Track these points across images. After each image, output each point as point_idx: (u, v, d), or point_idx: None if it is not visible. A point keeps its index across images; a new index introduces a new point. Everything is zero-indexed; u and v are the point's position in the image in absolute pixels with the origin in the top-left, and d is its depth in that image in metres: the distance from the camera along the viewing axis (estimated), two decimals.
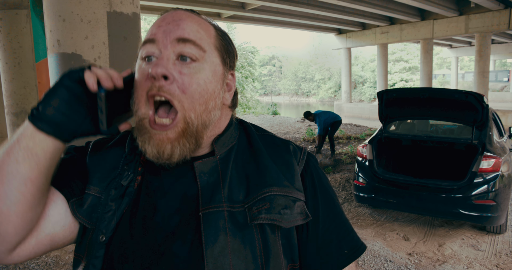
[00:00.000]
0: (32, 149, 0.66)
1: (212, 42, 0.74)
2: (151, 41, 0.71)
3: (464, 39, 27.23)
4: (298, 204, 0.75)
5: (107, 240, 0.73)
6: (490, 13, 16.54)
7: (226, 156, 0.77)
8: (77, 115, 0.69)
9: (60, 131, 0.68)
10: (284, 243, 0.74)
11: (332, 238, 0.78)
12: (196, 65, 0.70)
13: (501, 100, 30.01)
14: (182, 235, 0.70)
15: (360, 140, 11.49)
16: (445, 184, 4.07)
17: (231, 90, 0.81)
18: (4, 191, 0.64)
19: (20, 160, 0.65)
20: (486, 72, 17.29)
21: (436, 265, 3.64)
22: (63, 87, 0.68)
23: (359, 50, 43.47)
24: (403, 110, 5.03)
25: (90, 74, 0.68)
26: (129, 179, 0.77)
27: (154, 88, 0.69)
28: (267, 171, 0.75)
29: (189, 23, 0.72)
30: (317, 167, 0.83)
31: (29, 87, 6.00)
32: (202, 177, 0.74)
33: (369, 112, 20.96)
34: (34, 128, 0.66)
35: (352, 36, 22.16)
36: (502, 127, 5.31)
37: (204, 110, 0.72)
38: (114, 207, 0.75)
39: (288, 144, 0.83)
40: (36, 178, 0.67)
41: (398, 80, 39.34)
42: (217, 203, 0.71)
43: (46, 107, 0.67)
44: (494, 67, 43.30)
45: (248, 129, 0.84)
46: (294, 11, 16.82)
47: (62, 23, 2.83)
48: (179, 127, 0.70)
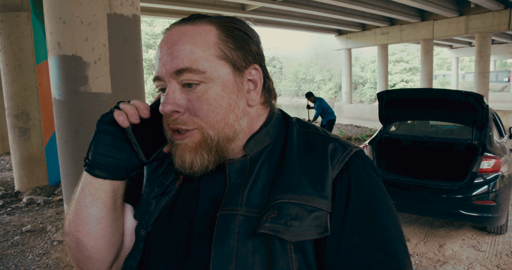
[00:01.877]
0: (95, 194, 0.75)
1: (212, 54, 0.69)
2: (158, 79, 0.74)
3: (465, 40, 27.22)
4: (316, 215, 0.65)
5: (146, 234, 0.79)
6: (490, 13, 16.54)
7: (258, 156, 0.73)
8: (123, 153, 0.74)
9: (113, 173, 0.74)
10: (299, 258, 0.65)
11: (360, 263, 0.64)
12: (202, 87, 0.69)
13: (502, 100, 29.98)
14: (207, 236, 0.70)
15: (360, 141, 11.49)
16: (445, 185, 4.07)
17: (257, 86, 0.74)
18: (87, 231, 0.76)
19: (89, 205, 0.75)
20: (486, 72, 17.28)
21: (436, 265, 3.64)
22: (101, 133, 0.73)
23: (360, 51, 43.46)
24: (403, 110, 5.03)
25: (119, 113, 0.72)
26: (171, 178, 0.81)
27: (171, 122, 0.72)
28: (288, 175, 0.68)
29: (181, 45, 0.69)
30: (361, 171, 0.70)
31: (29, 89, 6.01)
32: (231, 177, 0.73)
33: (370, 113, 20.95)
34: (91, 176, 0.74)
35: (352, 37, 22.17)
36: (503, 127, 5.31)
37: (225, 125, 0.70)
38: (154, 203, 0.80)
39: (329, 142, 0.73)
40: (107, 214, 0.77)
41: (398, 81, 39.32)
42: (233, 206, 0.69)
43: (94, 156, 0.73)
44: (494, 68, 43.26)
45: (290, 126, 0.78)
46: (294, 12, 16.82)
47: (63, 25, 2.84)
48: (196, 138, 0.71)
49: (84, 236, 0.76)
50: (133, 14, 3.02)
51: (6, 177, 7.35)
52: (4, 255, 3.77)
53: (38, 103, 5.91)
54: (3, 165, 8.48)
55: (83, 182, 0.76)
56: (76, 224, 0.76)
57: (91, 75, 2.88)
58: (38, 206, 5.35)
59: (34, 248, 3.91)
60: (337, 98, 42.60)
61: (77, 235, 0.76)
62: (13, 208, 5.29)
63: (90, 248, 0.77)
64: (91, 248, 0.77)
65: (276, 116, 0.79)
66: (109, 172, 0.74)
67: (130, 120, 0.72)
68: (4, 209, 5.25)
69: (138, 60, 3.12)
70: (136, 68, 3.09)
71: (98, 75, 2.89)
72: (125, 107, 0.73)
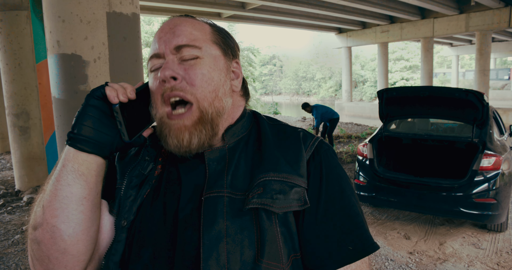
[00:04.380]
0: (78, 170, 0.72)
1: (208, 38, 0.80)
2: (157, 56, 0.79)
3: (465, 38, 27.19)
4: (296, 190, 0.74)
5: (129, 224, 0.78)
6: (490, 11, 16.51)
7: (235, 146, 0.80)
8: (109, 129, 0.74)
9: (98, 147, 0.73)
10: (283, 231, 0.73)
11: (334, 231, 0.74)
12: (197, 60, 0.76)
13: (502, 98, 29.96)
14: (192, 222, 0.72)
15: (360, 139, 11.49)
16: (445, 183, 4.07)
17: (239, 77, 0.85)
18: (66, 215, 0.71)
19: (71, 183, 0.71)
20: (486, 70, 17.27)
21: (437, 263, 3.64)
22: (91, 106, 0.73)
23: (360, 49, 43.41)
24: (403, 108, 5.03)
25: (111, 89, 0.73)
26: (150, 168, 0.82)
27: (167, 89, 0.75)
28: (268, 159, 0.76)
29: (183, 27, 0.79)
30: (329, 156, 0.81)
31: (29, 88, 6.01)
32: (210, 164, 0.77)
33: (370, 111, 20.95)
34: (75, 150, 0.72)
35: (353, 35, 22.14)
36: (503, 125, 5.30)
37: (215, 97, 0.77)
38: (134, 193, 0.80)
39: (299, 131, 0.84)
40: (89, 194, 0.73)
41: (398, 79, 39.30)
42: (219, 188, 0.73)
43: (81, 127, 0.72)
44: (494, 65, 43.24)
45: (261, 121, 0.86)
46: (294, 11, 16.80)
47: (62, 23, 2.83)
48: (195, 116, 0.75)
49: (62, 222, 0.70)
50: (133, 13, 3.02)
51: (6, 176, 7.35)
52: (5, 254, 3.78)
53: (38, 102, 5.91)
54: (4, 164, 8.49)
55: (64, 159, 0.73)
56: (53, 208, 0.70)
57: (91, 73, 2.87)
58: None
59: None
60: (338, 96, 42.59)
61: (53, 222, 0.70)
62: (14, 207, 5.29)
63: (67, 238, 0.70)
64: (68, 238, 0.70)
65: (249, 113, 0.88)
66: (95, 146, 0.72)
67: (119, 97, 0.73)
68: (4, 208, 5.26)
69: (138, 58, 3.12)
70: (135, 66, 3.08)
71: (98, 74, 2.89)
72: (114, 85, 0.75)
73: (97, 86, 0.82)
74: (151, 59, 0.80)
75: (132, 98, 0.76)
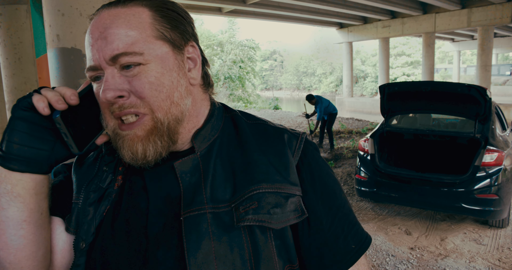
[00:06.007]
0: (12, 192, 0.63)
1: (149, 35, 0.66)
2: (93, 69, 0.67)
3: (467, 33, 27.08)
4: (292, 201, 0.68)
5: (87, 246, 0.69)
6: (493, 6, 16.42)
7: (208, 151, 0.71)
8: (44, 143, 0.64)
9: (33, 165, 0.64)
10: (278, 244, 0.67)
11: (338, 233, 0.71)
12: (140, 68, 0.65)
13: (504, 94, 29.89)
14: (166, 240, 0.65)
15: (361, 134, 11.48)
16: (447, 178, 4.06)
17: (197, 64, 0.72)
18: (4, 241, 0.63)
19: (5, 206, 0.63)
20: (488, 65, 17.21)
21: (438, 259, 3.64)
22: (17, 119, 0.63)
23: (361, 45, 43.32)
24: (405, 104, 5.01)
25: (39, 98, 0.63)
26: (109, 180, 0.73)
27: (116, 109, 0.65)
28: (255, 166, 0.68)
29: (116, 29, 0.64)
30: (315, 156, 0.75)
31: (29, 82, 5.99)
32: (184, 177, 0.68)
33: (371, 106, 20.93)
34: (6, 171, 0.63)
35: (354, 30, 22.06)
36: (505, 120, 5.28)
37: (170, 104, 0.67)
38: (92, 211, 0.71)
39: (282, 132, 0.75)
40: (29, 217, 0.65)
41: (400, 75, 39.23)
42: (199, 205, 0.65)
43: (9, 145, 0.62)
44: (496, 61, 43.12)
45: (236, 118, 0.76)
46: (295, 5, 16.74)
47: (61, 17, 2.81)
48: (147, 125, 0.66)
49: (1, 249, 0.63)
50: None
51: None
52: None
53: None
54: None
55: None
56: None
57: None
58: None
59: None
60: (338, 91, 42.54)
61: None
62: None
63: (8, 265, 0.63)
64: (10, 265, 0.63)
65: (218, 109, 0.77)
66: (28, 164, 0.63)
67: (55, 106, 0.63)
68: None
69: None
70: None
71: None
72: (47, 93, 0.64)
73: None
74: (88, 71, 0.69)
75: (74, 104, 0.66)
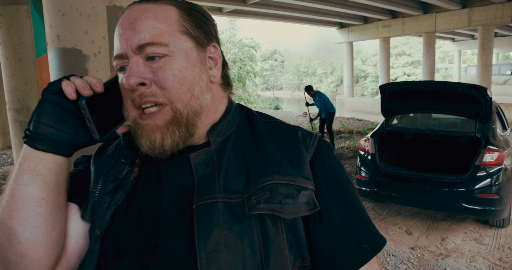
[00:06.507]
0: (35, 170, 0.67)
1: (175, 29, 0.70)
2: (120, 57, 0.71)
3: (467, 33, 27.06)
4: (304, 193, 0.68)
5: (102, 233, 0.72)
6: (493, 5, 16.41)
7: (223, 145, 0.73)
8: (68, 126, 0.68)
9: (56, 146, 0.68)
10: (289, 238, 0.68)
11: (350, 231, 0.71)
12: (165, 59, 0.68)
13: (504, 93, 29.86)
14: (178, 228, 0.67)
15: (362, 134, 11.47)
16: (448, 178, 4.06)
17: (218, 63, 0.76)
18: (23, 217, 0.66)
19: (27, 183, 0.66)
20: (489, 65, 17.20)
21: (438, 259, 3.64)
22: (46, 102, 0.67)
23: (361, 44, 43.30)
24: (405, 103, 5.00)
25: (68, 83, 0.67)
26: (126, 171, 0.76)
27: (137, 97, 0.69)
28: (269, 159, 0.70)
29: (144, 20, 0.69)
30: (330, 154, 0.77)
31: (30, 83, 6.00)
32: (198, 169, 0.71)
33: (371, 106, 20.91)
34: (31, 149, 0.67)
35: (354, 30, 22.05)
36: (506, 120, 5.28)
37: (191, 97, 0.70)
38: (108, 199, 0.74)
39: (297, 130, 0.78)
40: (48, 196, 0.68)
41: (400, 75, 39.21)
42: (211, 194, 0.67)
43: (37, 125, 0.66)
44: (497, 61, 43.08)
45: (252, 116, 0.79)
46: (295, 5, 16.73)
47: (62, 17, 2.81)
48: (167, 115, 0.69)
49: (19, 224, 0.66)
50: None
51: (8, 171, 7.36)
52: None
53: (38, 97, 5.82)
54: (5, 159, 8.49)
55: (21, 157, 0.68)
56: (10, 208, 0.66)
57: (91, 68, 2.86)
58: None
59: None
60: (339, 91, 42.52)
61: (9, 223, 0.66)
62: None
63: (24, 241, 0.66)
64: (25, 241, 0.66)
65: (235, 107, 0.81)
66: (52, 144, 0.67)
67: (81, 92, 0.67)
68: None
69: None
70: None
71: (98, 68, 2.87)
72: (76, 80, 0.68)
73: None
74: (115, 59, 0.72)
75: (98, 91, 0.69)
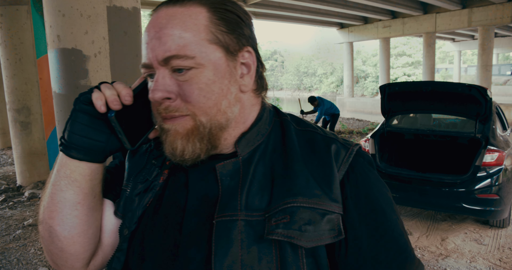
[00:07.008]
0: (70, 176, 0.70)
1: (203, 38, 0.65)
2: (146, 67, 0.69)
3: (467, 33, 27.07)
4: (329, 218, 0.63)
5: (129, 234, 0.74)
6: (493, 6, 16.42)
7: (251, 156, 0.70)
8: (101, 135, 0.70)
9: (90, 155, 0.70)
10: (309, 262, 0.63)
11: (381, 259, 0.65)
12: (192, 72, 0.65)
13: (504, 94, 29.85)
14: (198, 240, 0.66)
15: (362, 134, 11.47)
16: (448, 178, 4.06)
17: (251, 70, 0.70)
18: (61, 218, 0.71)
19: (64, 188, 0.70)
20: (489, 65, 17.21)
21: (439, 259, 3.64)
22: (78, 112, 0.69)
23: (361, 45, 43.28)
24: (405, 104, 5.00)
25: (98, 96, 0.67)
26: (155, 173, 0.77)
27: (162, 110, 0.67)
28: (295, 177, 0.65)
29: (170, 30, 0.65)
30: (366, 172, 0.70)
31: (30, 83, 6.00)
32: (223, 180, 0.68)
33: (371, 106, 20.91)
34: (66, 157, 0.70)
35: (354, 30, 22.05)
36: (506, 120, 5.28)
37: (216, 112, 0.67)
38: (137, 201, 0.76)
39: (331, 142, 0.71)
40: (83, 200, 0.71)
41: (400, 75, 39.20)
42: (232, 211, 0.65)
43: (70, 135, 0.69)
44: (497, 61, 43.10)
45: (285, 123, 0.74)
46: (295, 6, 16.74)
47: (62, 18, 2.81)
48: (188, 124, 0.67)
49: (58, 224, 0.71)
50: (133, 7, 2.99)
51: (8, 171, 7.36)
52: (6, 249, 3.78)
53: (39, 97, 5.90)
54: (5, 159, 8.50)
55: (58, 163, 0.71)
56: (50, 210, 0.71)
57: (91, 68, 2.86)
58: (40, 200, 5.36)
59: (36, 242, 3.91)
60: (339, 92, 42.51)
61: (50, 223, 0.71)
62: (15, 202, 5.29)
63: (63, 238, 0.71)
64: (64, 239, 0.71)
65: (268, 112, 0.75)
66: (86, 153, 0.69)
67: (111, 106, 0.67)
68: (6, 203, 5.26)
69: (139, 53, 3.09)
70: (136, 61, 3.06)
71: (98, 69, 2.87)
72: (106, 91, 0.68)
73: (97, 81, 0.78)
74: (142, 67, 0.71)
75: (128, 103, 0.69)
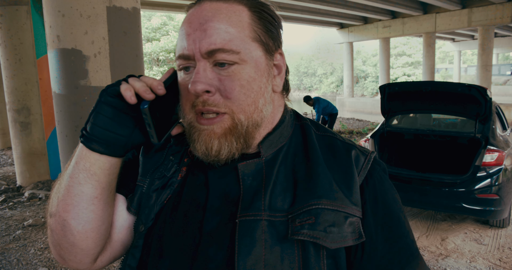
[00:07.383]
0: (90, 170, 0.68)
1: (247, 35, 0.66)
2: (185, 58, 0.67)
3: (467, 33, 27.07)
4: (350, 221, 0.65)
5: (145, 230, 0.73)
6: (493, 6, 16.42)
7: (274, 157, 0.70)
8: (124, 129, 0.68)
9: (112, 148, 0.68)
10: (329, 263, 0.65)
11: (394, 264, 0.66)
12: (235, 67, 0.65)
13: (504, 93, 29.85)
14: (219, 239, 0.66)
15: (362, 134, 11.47)
16: (448, 178, 4.06)
17: (281, 71, 0.73)
18: (77, 212, 0.69)
19: (82, 182, 0.68)
20: (489, 65, 17.21)
21: (439, 259, 3.64)
22: (103, 104, 0.67)
23: (361, 45, 43.28)
24: (405, 104, 5.00)
25: (127, 87, 0.66)
26: (173, 170, 0.76)
27: (199, 103, 0.66)
28: (318, 180, 0.67)
29: (217, 23, 0.65)
30: (382, 178, 0.72)
31: (30, 83, 5.99)
32: (245, 179, 0.69)
33: (371, 106, 20.91)
34: (87, 150, 0.68)
35: (354, 31, 22.05)
36: (505, 120, 5.28)
37: (254, 109, 0.67)
38: (154, 197, 0.75)
39: (351, 148, 0.73)
40: (101, 194, 0.70)
41: (400, 75, 39.17)
42: (256, 211, 0.65)
43: (93, 127, 0.67)
44: (497, 61, 43.11)
45: (306, 127, 0.75)
46: (295, 6, 16.74)
47: (62, 18, 2.81)
48: (226, 124, 0.66)
49: (73, 218, 0.69)
50: (133, 7, 3.00)
51: (8, 171, 7.36)
52: (6, 250, 3.78)
53: (39, 98, 5.90)
54: (5, 159, 8.49)
55: (77, 155, 0.69)
56: (65, 203, 0.69)
57: (91, 68, 2.86)
58: (40, 200, 5.36)
59: (36, 242, 3.91)
60: (339, 91, 42.50)
61: (64, 216, 0.69)
62: (15, 202, 5.29)
63: (76, 233, 0.70)
64: (78, 234, 0.70)
65: (289, 116, 0.77)
66: (107, 147, 0.67)
67: (143, 96, 0.65)
68: (6, 203, 5.26)
69: (139, 53, 3.10)
70: (136, 61, 3.06)
71: (98, 69, 2.87)
72: (135, 83, 0.66)
73: (97, 81, 0.77)
74: (178, 59, 0.69)
75: (161, 93, 0.67)
